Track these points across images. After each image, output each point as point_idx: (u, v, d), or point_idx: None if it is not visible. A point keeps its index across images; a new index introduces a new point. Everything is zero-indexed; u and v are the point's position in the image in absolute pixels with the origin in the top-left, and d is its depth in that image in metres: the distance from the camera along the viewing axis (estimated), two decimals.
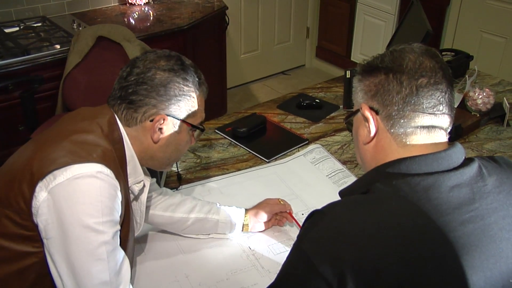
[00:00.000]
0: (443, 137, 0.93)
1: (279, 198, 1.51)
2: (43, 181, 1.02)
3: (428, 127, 0.91)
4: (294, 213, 1.52)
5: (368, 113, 0.94)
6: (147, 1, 3.25)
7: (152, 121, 1.15)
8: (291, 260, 0.88)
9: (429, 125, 0.91)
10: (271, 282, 0.92)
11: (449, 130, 0.94)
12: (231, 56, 4.01)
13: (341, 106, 2.14)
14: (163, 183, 1.62)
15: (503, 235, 0.86)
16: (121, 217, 1.11)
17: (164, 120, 1.15)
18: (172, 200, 1.42)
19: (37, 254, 1.07)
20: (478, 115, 2.00)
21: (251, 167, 1.76)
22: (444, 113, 0.91)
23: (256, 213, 1.45)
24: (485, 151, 1.84)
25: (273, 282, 0.91)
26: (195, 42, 3.06)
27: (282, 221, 1.50)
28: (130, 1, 3.20)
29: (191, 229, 1.42)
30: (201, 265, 1.35)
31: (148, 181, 1.26)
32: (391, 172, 0.89)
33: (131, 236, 1.20)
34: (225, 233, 1.44)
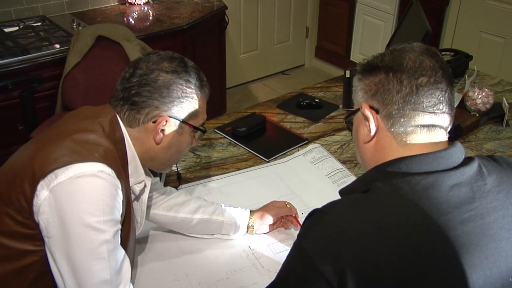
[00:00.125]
0: (443, 136, 0.93)
1: (285, 201, 1.49)
2: (45, 179, 1.02)
3: (428, 126, 0.91)
4: (298, 217, 1.49)
5: (368, 112, 0.95)
6: (146, 0, 3.25)
7: (154, 122, 1.15)
8: (291, 259, 0.88)
9: (429, 124, 0.91)
10: (271, 281, 0.93)
11: (449, 129, 0.94)
12: (231, 55, 4.01)
13: (341, 105, 2.15)
14: (163, 183, 1.62)
15: (502, 234, 0.86)
16: (122, 217, 1.11)
17: (166, 121, 1.15)
18: (176, 199, 1.42)
19: (37, 252, 1.07)
20: (477, 115, 2.00)
21: (250, 166, 1.76)
22: (444, 112, 0.91)
23: (262, 215, 1.45)
24: (484, 151, 1.84)
25: (273, 281, 0.91)
26: (194, 42, 3.06)
27: (287, 224, 1.49)
28: (129, 1, 3.20)
29: (195, 229, 1.42)
30: (201, 264, 1.35)
31: (149, 181, 1.26)
32: (391, 171, 0.89)
33: (131, 235, 1.20)
34: (229, 234, 1.44)
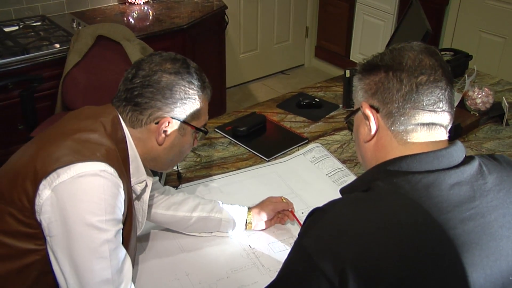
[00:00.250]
0: (443, 134, 0.93)
1: (281, 196, 1.51)
2: (47, 179, 1.02)
3: (428, 124, 0.91)
4: (294, 211, 1.52)
5: (368, 111, 0.95)
6: (146, 0, 3.25)
7: (157, 123, 1.15)
8: (292, 257, 0.88)
9: (429, 122, 0.91)
10: (271, 280, 0.92)
11: (449, 127, 0.94)
12: (231, 55, 4.01)
13: (341, 105, 2.15)
14: (164, 182, 1.62)
15: (503, 233, 0.86)
16: (123, 216, 1.11)
17: (169, 122, 1.16)
18: (174, 198, 1.42)
19: (39, 251, 1.07)
20: (477, 115, 2.01)
21: (251, 166, 1.76)
22: (444, 110, 0.92)
23: (259, 211, 1.46)
24: (484, 150, 1.84)
25: (274, 279, 0.91)
26: (194, 41, 3.06)
27: (283, 219, 1.50)
28: (129, 1, 3.20)
29: (194, 227, 1.42)
30: (201, 263, 1.35)
31: (150, 181, 1.26)
32: (392, 170, 0.89)
33: (133, 235, 1.20)
34: (227, 232, 1.44)
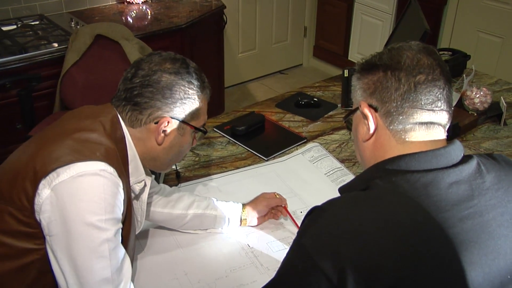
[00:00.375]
0: (441, 134, 0.93)
1: (275, 192, 1.52)
2: (46, 178, 1.02)
3: (426, 123, 0.91)
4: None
5: (367, 111, 0.95)
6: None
7: (156, 123, 1.15)
8: (291, 256, 0.89)
9: (427, 121, 0.91)
10: (270, 279, 0.92)
11: (447, 126, 0.95)
12: (229, 55, 4.01)
13: (339, 104, 2.15)
14: (162, 181, 1.62)
15: (501, 232, 0.87)
16: (123, 215, 1.12)
17: (168, 122, 1.16)
18: (170, 196, 1.43)
19: (38, 251, 1.07)
20: (475, 114, 2.01)
21: (249, 165, 1.76)
22: (442, 110, 0.92)
23: (253, 207, 1.47)
24: (482, 150, 1.85)
25: (273, 278, 0.91)
26: (193, 41, 3.06)
27: (277, 215, 1.52)
28: (128, 0, 3.20)
29: (189, 225, 1.43)
30: (200, 262, 1.35)
31: (149, 180, 1.26)
32: (391, 168, 0.90)
33: (132, 234, 1.20)
34: (222, 228, 1.45)
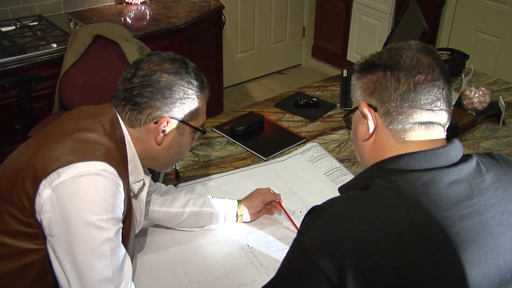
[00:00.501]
0: (441, 133, 0.93)
1: (269, 187, 1.53)
2: (47, 178, 1.02)
3: (426, 123, 0.92)
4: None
5: (366, 110, 0.95)
6: (143, 0, 3.25)
7: (156, 123, 1.16)
8: (291, 255, 0.89)
9: (427, 121, 0.92)
10: (269, 279, 0.93)
11: (447, 126, 0.95)
12: (228, 55, 4.02)
13: (338, 104, 2.15)
14: (162, 181, 1.62)
15: (501, 231, 0.87)
16: (123, 215, 1.12)
17: (168, 122, 1.16)
18: (166, 195, 1.44)
19: (39, 251, 1.07)
20: (474, 114, 2.01)
21: (249, 165, 1.76)
22: (442, 109, 0.92)
23: (249, 203, 1.48)
24: (481, 150, 1.85)
25: (273, 277, 0.91)
26: (191, 41, 3.06)
27: (271, 210, 1.53)
28: (126, 0, 3.20)
29: (186, 222, 1.43)
30: (200, 262, 1.35)
31: (148, 179, 1.27)
32: (390, 168, 0.90)
33: (132, 234, 1.20)
34: (218, 225, 1.46)
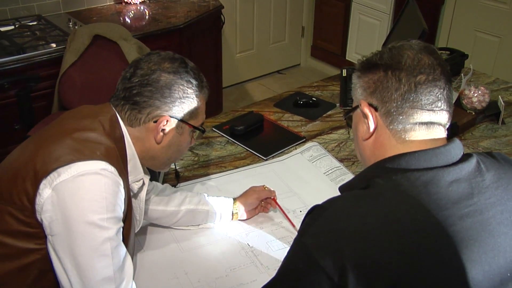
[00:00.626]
0: (441, 133, 0.94)
1: (264, 185, 1.53)
2: (47, 178, 1.02)
3: (426, 123, 0.92)
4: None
5: (367, 110, 0.95)
6: (142, 0, 3.24)
7: (155, 122, 1.16)
8: (292, 254, 0.89)
9: (427, 121, 0.92)
10: (270, 278, 0.93)
11: (447, 126, 0.95)
12: (227, 55, 4.02)
13: (338, 104, 2.15)
14: (161, 181, 1.62)
15: (501, 230, 0.87)
16: (123, 214, 1.12)
17: (167, 121, 1.16)
18: (163, 194, 1.44)
19: (39, 251, 1.07)
20: (473, 113, 2.02)
21: (248, 165, 1.77)
22: (442, 109, 0.92)
23: (244, 201, 1.48)
24: (480, 149, 1.86)
25: (274, 277, 0.91)
26: (190, 41, 3.06)
27: (267, 208, 1.53)
28: (125, 0, 3.20)
29: (182, 221, 1.43)
30: (200, 262, 1.35)
31: (147, 179, 1.27)
32: (391, 167, 0.90)
33: (132, 233, 1.20)
34: (214, 223, 1.46)
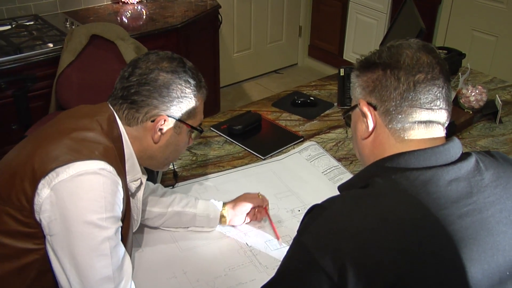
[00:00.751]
0: (440, 132, 0.94)
1: (258, 192, 1.51)
2: (46, 178, 1.02)
3: (425, 122, 0.92)
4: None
5: (366, 109, 0.95)
6: None
7: (153, 121, 1.16)
8: (291, 254, 0.89)
9: (426, 120, 0.92)
10: (268, 278, 0.93)
11: (446, 124, 0.95)
12: (224, 54, 4.01)
13: (336, 103, 2.15)
14: (159, 181, 1.62)
15: (500, 228, 0.87)
16: (122, 214, 1.11)
17: (165, 121, 1.16)
18: (152, 194, 1.42)
19: (38, 251, 1.07)
20: (471, 112, 2.02)
21: (247, 164, 1.76)
22: (441, 108, 0.92)
23: (234, 206, 1.46)
24: (478, 148, 1.86)
25: (273, 276, 0.91)
26: (188, 40, 3.06)
27: (259, 216, 1.49)
28: (123, 0, 3.19)
29: (169, 222, 1.43)
30: (199, 261, 1.35)
31: (144, 178, 1.26)
32: (390, 166, 0.90)
33: (130, 232, 1.20)
34: (203, 226, 1.45)
